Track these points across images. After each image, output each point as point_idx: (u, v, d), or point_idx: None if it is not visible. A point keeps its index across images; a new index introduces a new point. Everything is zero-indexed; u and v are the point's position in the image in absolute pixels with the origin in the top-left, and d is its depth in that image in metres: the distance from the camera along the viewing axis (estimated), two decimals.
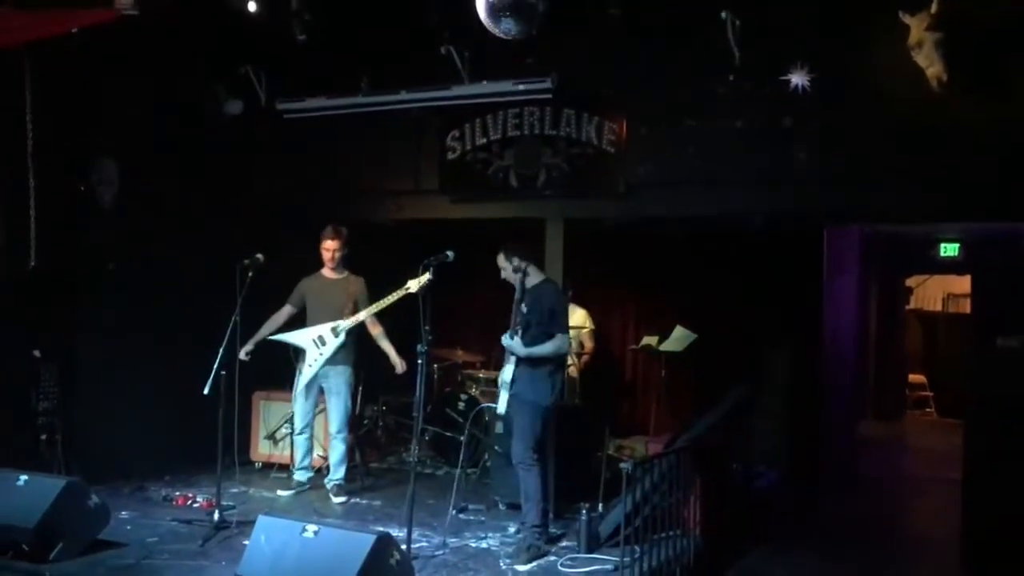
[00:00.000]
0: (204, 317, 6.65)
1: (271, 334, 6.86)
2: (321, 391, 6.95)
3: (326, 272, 6.96)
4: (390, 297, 6.57)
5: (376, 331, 6.89)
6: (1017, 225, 8.41)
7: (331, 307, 6.82)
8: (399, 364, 6.83)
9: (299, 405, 6.93)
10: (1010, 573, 5.37)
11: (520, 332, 5.57)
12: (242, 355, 6.53)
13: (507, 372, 5.66)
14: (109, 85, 7.01)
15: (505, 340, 5.62)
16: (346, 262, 6.97)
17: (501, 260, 5.81)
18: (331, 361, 6.78)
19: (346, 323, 6.73)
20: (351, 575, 4.20)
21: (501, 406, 5.75)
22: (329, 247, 6.86)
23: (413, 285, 6.27)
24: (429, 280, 5.70)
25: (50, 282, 6.71)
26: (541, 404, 5.62)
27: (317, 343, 6.78)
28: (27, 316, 6.66)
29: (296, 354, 6.90)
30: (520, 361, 5.60)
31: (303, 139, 8.02)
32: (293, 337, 6.86)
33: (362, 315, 6.74)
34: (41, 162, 6.56)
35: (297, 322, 6.98)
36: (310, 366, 6.78)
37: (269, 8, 6.82)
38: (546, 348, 5.58)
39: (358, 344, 6.94)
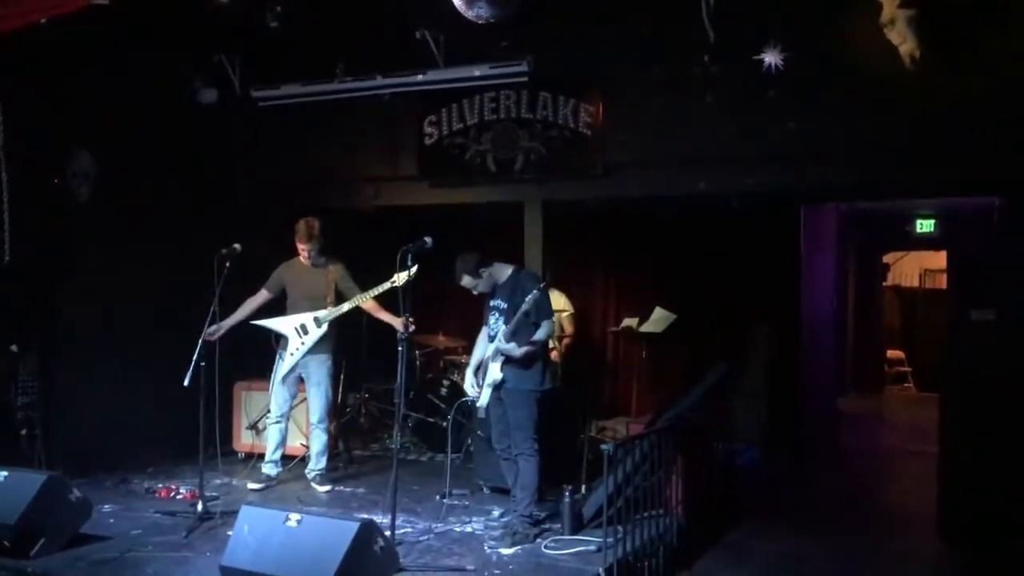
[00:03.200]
0: (183, 308, 6.63)
1: (245, 319, 6.68)
2: (301, 380, 6.91)
3: (304, 259, 6.86)
4: (376, 289, 6.48)
5: (376, 311, 6.68)
6: (991, 200, 8.49)
7: (313, 294, 6.74)
8: (403, 325, 6.35)
9: (277, 393, 6.86)
10: (985, 545, 5.46)
11: (509, 332, 5.48)
12: (208, 336, 6.25)
13: (494, 372, 5.58)
14: (82, 76, 6.92)
15: (501, 346, 5.50)
16: (323, 250, 6.83)
17: (468, 281, 5.68)
18: (312, 350, 6.72)
19: (329, 313, 6.66)
20: (335, 563, 4.22)
21: (484, 400, 5.72)
22: (304, 249, 6.71)
23: (399, 279, 6.12)
24: (414, 274, 5.61)
25: (26, 276, 6.64)
26: (537, 391, 5.62)
27: (299, 332, 6.71)
28: (3, 311, 6.61)
29: (278, 340, 6.86)
30: (510, 358, 5.56)
31: (279, 126, 7.98)
32: (275, 324, 6.79)
33: (346, 307, 6.65)
34: (14, 155, 6.48)
35: (275, 307, 6.88)
36: (292, 355, 6.72)
37: None
38: (541, 336, 5.54)
39: (337, 331, 6.88)
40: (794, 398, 8.53)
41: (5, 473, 5.32)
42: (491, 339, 5.70)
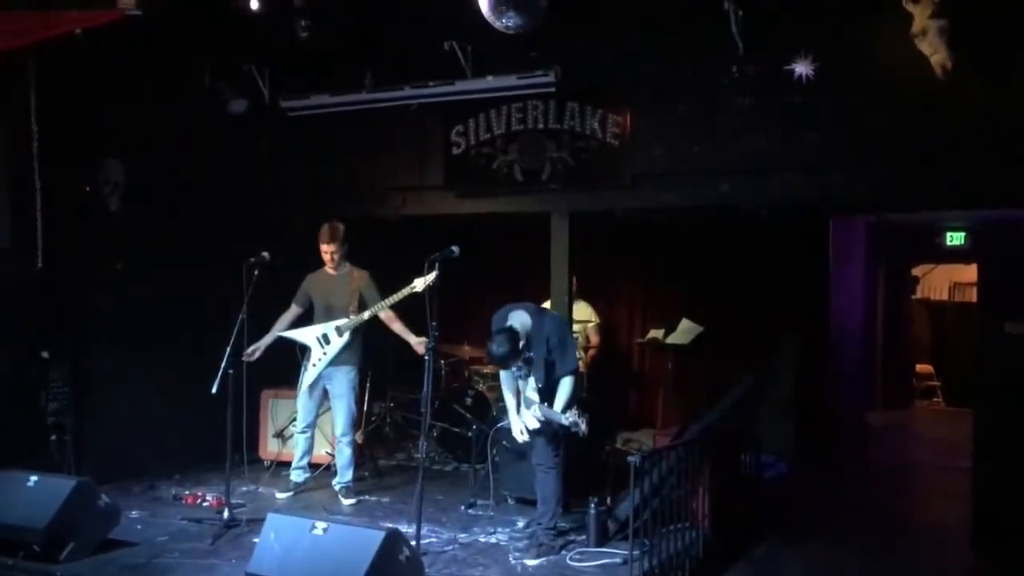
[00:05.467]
0: (211, 316, 6.67)
1: (280, 335, 6.74)
2: (326, 391, 6.88)
3: (329, 268, 6.87)
4: (395, 296, 6.48)
5: (391, 320, 6.70)
6: (1022, 212, 8.40)
7: (336, 304, 6.75)
8: (419, 345, 6.50)
9: (302, 403, 6.87)
10: (1020, 558, 5.36)
11: (538, 383, 5.49)
12: (247, 356, 6.42)
13: (533, 423, 5.53)
14: (113, 86, 7.01)
15: (542, 412, 5.45)
16: (347, 258, 6.86)
17: (515, 363, 5.50)
18: (335, 361, 6.70)
19: (350, 322, 6.64)
20: (361, 572, 4.22)
21: (523, 439, 5.70)
22: (327, 250, 6.73)
23: (419, 284, 6.18)
24: (436, 279, 5.59)
25: (58, 283, 6.72)
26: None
27: (321, 342, 6.71)
28: (35, 317, 6.70)
29: (302, 351, 6.86)
30: (544, 396, 5.55)
31: (308, 136, 8.02)
32: (298, 334, 6.81)
33: (366, 315, 6.62)
34: (46, 164, 6.56)
35: (306, 320, 6.92)
36: (314, 365, 6.71)
37: (271, 6, 6.81)
38: (571, 391, 5.51)
39: (363, 342, 6.86)
40: (822, 411, 8.45)
41: (35, 478, 5.38)
42: (516, 379, 5.71)
